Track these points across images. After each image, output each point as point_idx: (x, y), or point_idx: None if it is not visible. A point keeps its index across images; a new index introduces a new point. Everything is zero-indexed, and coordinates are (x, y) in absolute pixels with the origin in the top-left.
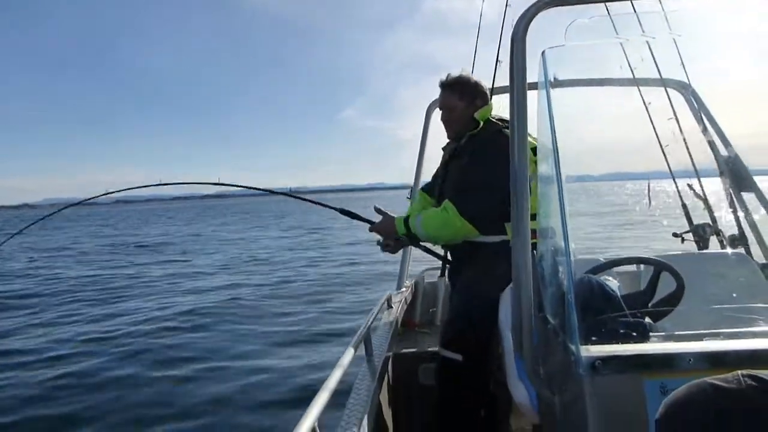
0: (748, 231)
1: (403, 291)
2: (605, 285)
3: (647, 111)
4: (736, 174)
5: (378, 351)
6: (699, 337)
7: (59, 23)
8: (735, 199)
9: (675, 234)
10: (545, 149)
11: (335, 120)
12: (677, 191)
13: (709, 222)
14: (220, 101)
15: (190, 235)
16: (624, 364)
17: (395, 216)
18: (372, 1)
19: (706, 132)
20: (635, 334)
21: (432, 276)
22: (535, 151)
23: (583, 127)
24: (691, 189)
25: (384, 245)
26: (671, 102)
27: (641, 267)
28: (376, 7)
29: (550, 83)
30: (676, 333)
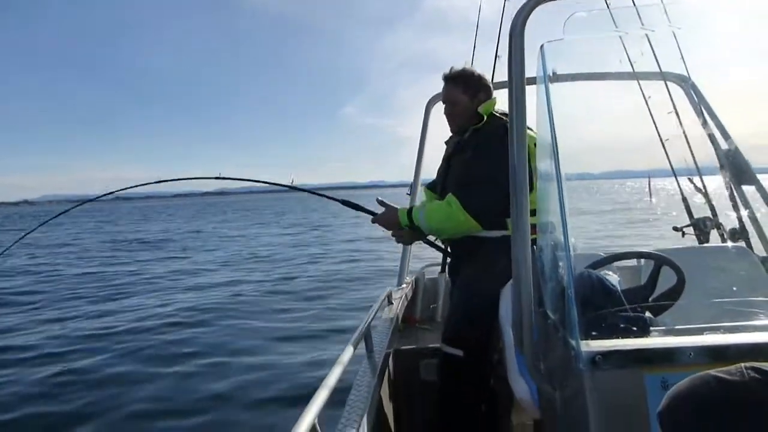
0: (748, 224)
1: (404, 287)
2: (605, 280)
3: (647, 105)
4: (736, 167)
5: (378, 347)
6: (700, 331)
7: (59, 22)
8: (735, 193)
9: (675, 228)
10: (544, 144)
11: (335, 118)
12: (677, 185)
13: (710, 216)
14: (219, 100)
15: (190, 232)
16: (624, 358)
17: (398, 207)
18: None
19: (706, 125)
20: (635, 328)
21: (432, 272)
22: None
23: (583, 125)
24: (692, 183)
25: (397, 236)
26: (671, 95)
27: (642, 261)
28: (376, 5)
29: (549, 78)
30: (676, 327)
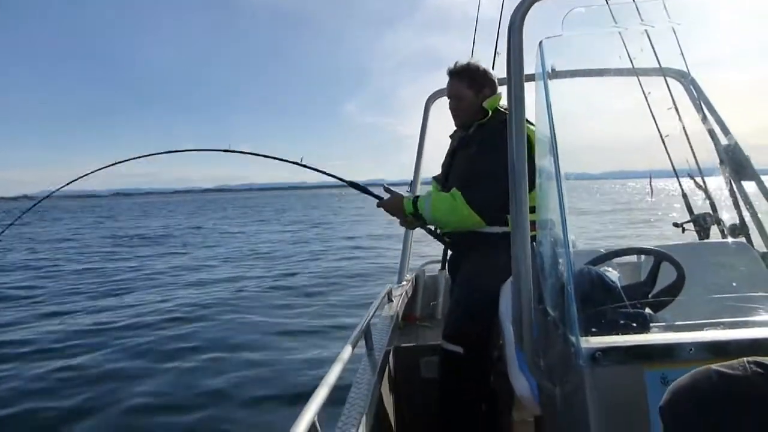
0: (748, 220)
1: (404, 285)
2: (605, 276)
3: (647, 101)
4: (736, 162)
5: (379, 345)
6: (700, 327)
7: (60, 16)
8: (735, 188)
9: (675, 224)
10: (543, 140)
11: (336, 116)
12: (677, 180)
13: (710, 211)
14: (219, 97)
15: (191, 228)
16: (624, 354)
17: (404, 195)
18: None
19: (705, 120)
20: (635, 324)
21: (432, 270)
22: None
23: (582, 123)
24: (692, 179)
25: (401, 221)
26: (671, 91)
27: (641, 258)
28: (376, 4)
29: (547, 74)
30: (676, 323)
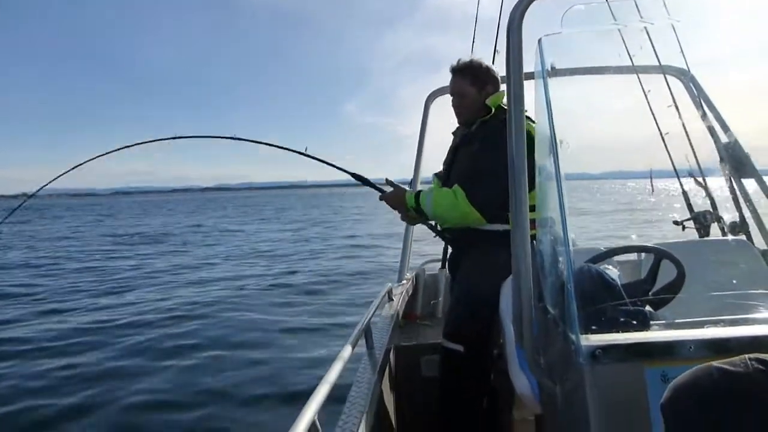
0: (749, 217)
1: (404, 283)
2: (605, 274)
3: (646, 99)
4: (736, 160)
5: (379, 344)
6: (700, 325)
7: (60, 15)
8: (735, 186)
9: (676, 222)
10: (543, 139)
11: (336, 116)
12: (677, 177)
13: (710, 209)
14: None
15: (191, 226)
16: (624, 352)
17: (407, 189)
18: None
19: (705, 118)
20: (635, 322)
21: (433, 269)
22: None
23: (583, 124)
24: (691, 176)
25: (403, 215)
26: (670, 89)
27: (642, 256)
28: (376, 4)
29: (547, 72)
30: (676, 321)
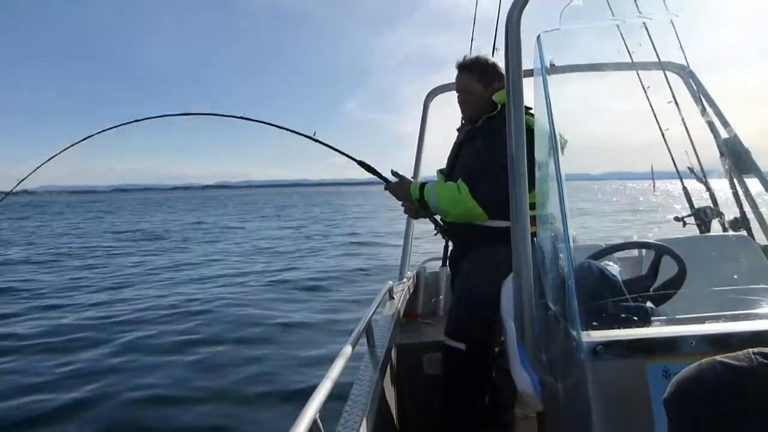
0: (749, 213)
1: (405, 282)
2: (606, 270)
3: (646, 95)
4: (736, 155)
5: (380, 342)
6: (701, 320)
7: (59, 14)
8: (736, 181)
9: (677, 218)
10: (543, 135)
11: (336, 114)
12: (677, 173)
13: (711, 205)
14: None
15: (191, 223)
16: (626, 348)
17: (412, 180)
18: None
19: (705, 113)
20: (637, 318)
21: (433, 267)
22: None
23: (583, 125)
24: (692, 172)
25: (406, 207)
26: (670, 85)
27: (643, 252)
28: (377, 3)
29: (546, 69)
30: (678, 317)
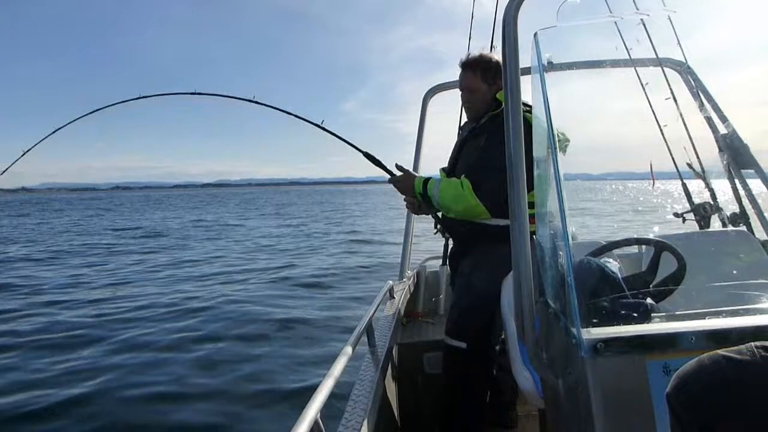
0: (749, 208)
1: (405, 281)
2: (605, 267)
3: (644, 91)
4: (734, 150)
5: (381, 341)
6: (701, 316)
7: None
8: (735, 176)
9: (676, 214)
10: (541, 133)
11: (336, 113)
12: (676, 169)
13: (710, 201)
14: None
15: (192, 221)
16: (626, 345)
17: (416, 174)
18: None
19: (703, 109)
20: (637, 315)
21: (433, 266)
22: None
23: (582, 125)
24: (691, 168)
25: (409, 202)
26: (668, 82)
27: (642, 248)
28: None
29: (543, 67)
30: (678, 313)
